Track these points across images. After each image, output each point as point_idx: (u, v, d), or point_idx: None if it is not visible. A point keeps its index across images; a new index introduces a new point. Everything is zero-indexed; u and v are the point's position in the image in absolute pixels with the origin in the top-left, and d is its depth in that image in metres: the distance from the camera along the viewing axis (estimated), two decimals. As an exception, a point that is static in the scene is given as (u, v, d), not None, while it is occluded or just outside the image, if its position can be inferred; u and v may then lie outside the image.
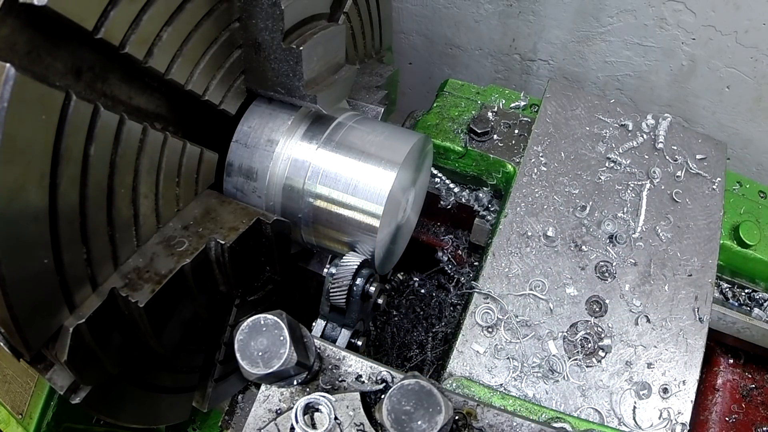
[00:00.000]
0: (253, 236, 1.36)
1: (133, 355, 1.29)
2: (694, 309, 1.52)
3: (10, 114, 0.84)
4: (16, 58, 0.89)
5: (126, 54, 1.06)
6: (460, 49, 3.11)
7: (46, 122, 0.92)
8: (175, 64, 1.19)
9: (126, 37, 1.05)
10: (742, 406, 1.74)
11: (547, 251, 1.59)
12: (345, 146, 1.49)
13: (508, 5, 2.74)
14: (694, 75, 2.62)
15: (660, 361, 1.45)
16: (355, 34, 1.85)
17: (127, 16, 1.04)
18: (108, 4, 0.98)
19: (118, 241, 1.17)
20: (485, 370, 1.43)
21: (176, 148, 1.28)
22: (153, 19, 1.09)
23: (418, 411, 0.91)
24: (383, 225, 1.47)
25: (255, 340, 0.99)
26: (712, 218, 1.66)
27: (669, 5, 2.41)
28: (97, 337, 1.14)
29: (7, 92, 0.83)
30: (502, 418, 1.09)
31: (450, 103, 2.04)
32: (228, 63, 1.35)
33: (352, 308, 1.38)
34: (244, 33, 1.34)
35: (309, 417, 1.03)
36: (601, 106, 1.84)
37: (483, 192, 1.94)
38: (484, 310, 1.50)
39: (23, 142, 0.89)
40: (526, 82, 3.10)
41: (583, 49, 2.77)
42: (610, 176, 1.71)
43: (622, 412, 1.40)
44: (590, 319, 1.50)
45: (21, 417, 1.63)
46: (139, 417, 1.48)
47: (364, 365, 1.15)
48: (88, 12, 0.96)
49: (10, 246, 0.92)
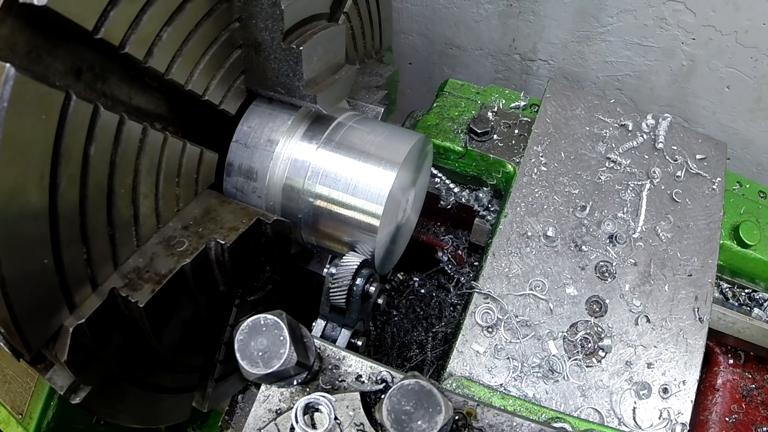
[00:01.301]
0: (253, 236, 1.36)
1: (133, 355, 1.29)
2: (694, 309, 1.52)
3: (10, 114, 0.84)
4: (16, 58, 0.89)
5: (126, 54, 1.06)
6: (460, 49, 3.11)
7: (46, 122, 0.92)
8: (175, 64, 1.19)
9: (126, 37, 1.05)
10: (742, 406, 1.74)
11: (547, 251, 1.59)
12: (345, 146, 1.49)
13: (508, 5, 2.74)
14: (694, 75, 2.62)
15: (660, 361, 1.45)
16: (355, 34, 1.85)
17: (127, 16, 1.04)
18: (108, 4, 0.98)
19: (118, 241, 1.17)
20: (485, 370, 1.43)
21: (176, 148, 1.28)
22: (153, 19, 1.09)
23: (418, 411, 0.91)
24: (383, 225, 1.47)
25: (255, 340, 0.99)
26: (712, 218, 1.66)
27: (669, 5, 2.41)
28: (97, 337, 1.14)
29: (7, 92, 0.83)
30: (502, 418, 1.09)
31: (450, 103, 2.04)
32: (228, 63, 1.35)
33: (352, 308, 1.38)
34: (244, 33, 1.34)
35: (309, 417, 1.03)
36: (601, 106, 1.84)
37: (483, 192, 1.94)
38: (484, 310, 1.50)
39: (23, 142, 0.89)
40: (526, 82, 3.10)
41: (583, 49, 2.77)
42: (610, 176, 1.71)
43: (622, 412, 1.40)
44: (590, 319, 1.50)
45: (21, 417, 1.63)
46: (139, 417, 1.48)
47: (364, 365, 1.15)
48: (88, 12, 0.96)
49: (10, 246, 0.92)
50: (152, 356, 1.36)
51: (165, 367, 1.49)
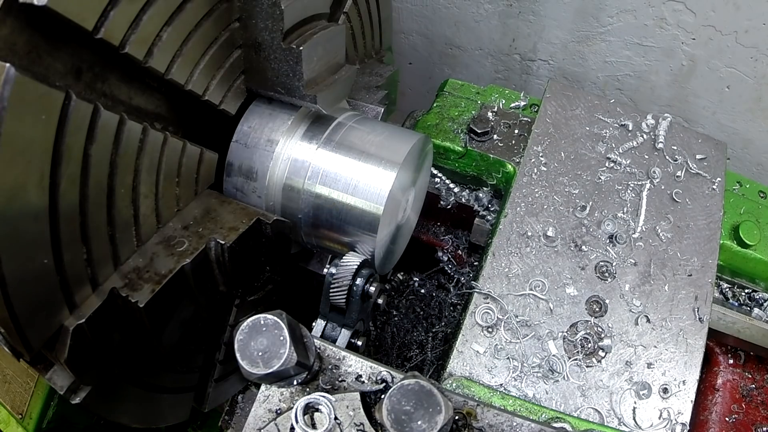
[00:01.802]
0: (253, 236, 1.36)
1: (134, 355, 1.29)
2: (694, 309, 1.52)
3: (10, 114, 0.84)
4: (16, 59, 0.89)
5: (126, 54, 1.06)
6: (460, 49, 3.11)
7: (46, 122, 0.92)
8: (175, 64, 1.19)
9: (126, 37, 1.05)
10: (742, 406, 1.74)
11: (547, 251, 1.59)
12: (345, 146, 1.48)
13: (508, 5, 2.74)
14: (694, 75, 2.62)
15: (660, 361, 1.45)
16: (355, 34, 1.85)
17: (127, 16, 1.04)
18: (108, 4, 0.98)
19: (119, 240, 1.17)
20: (485, 370, 1.43)
21: (176, 148, 1.28)
22: (153, 19, 1.09)
23: (418, 411, 0.91)
24: (383, 225, 1.47)
25: (255, 340, 0.99)
26: (712, 218, 1.66)
27: (669, 5, 2.41)
28: (97, 337, 1.14)
29: (7, 92, 0.83)
30: (502, 418, 1.09)
31: (450, 103, 2.04)
32: (228, 63, 1.35)
33: (352, 308, 1.38)
34: (244, 33, 1.34)
35: (309, 417, 1.03)
36: (601, 106, 1.84)
37: (483, 192, 1.94)
38: (484, 310, 1.50)
39: (23, 142, 0.89)
40: (526, 82, 3.10)
41: (583, 49, 2.77)
42: (610, 176, 1.71)
43: (622, 412, 1.40)
44: (590, 319, 1.50)
45: (21, 417, 1.63)
46: (140, 417, 1.48)
47: (364, 365, 1.15)
48: (88, 12, 0.96)
49: (10, 246, 0.92)
50: (152, 356, 1.36)
51: (165, 367, 1.50)
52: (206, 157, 1.39)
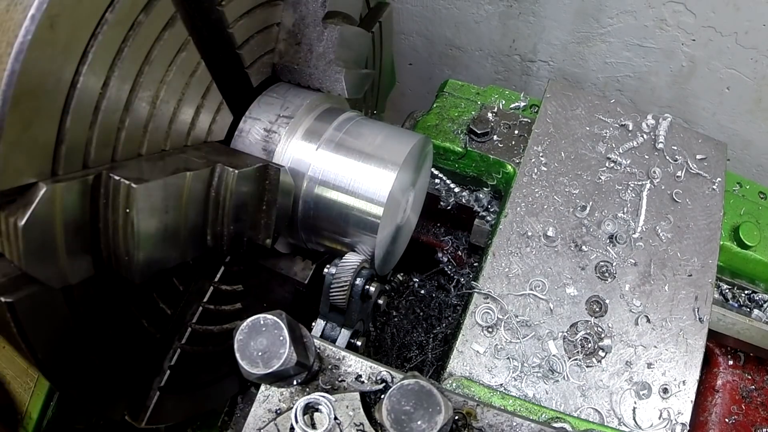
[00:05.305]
0: (260, 179, 1.35)
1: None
2: (694, 309, 1.52)
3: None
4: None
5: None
6: (460, 50, 3.11)
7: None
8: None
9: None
10: (742, 407, 1.74)
11: (547, 251, 1.59)
12: (345, 147, 1.49)
13: (508, 6, 2.75)
14: (694, 76, 2.62)
15: (660, 361, 1.45)
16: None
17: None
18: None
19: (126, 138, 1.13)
20: (485, 370, 1.43)
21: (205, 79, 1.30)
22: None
23: (417, 411, 0.91)
24: (383, 226, 1.47)
25: (255, 340, 0.99)
26: (712, 218, 1.66)
27: (669, 6, 2.41)
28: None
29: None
30: (502, 418, 1.09)
31: (450, 103, 2.04)
32: (267, 29, 1.42)
33: (352, 308, 1.38)
34: (287, 6, 1.42)
35: (309, 417, 1.03)
36: (601, 106, 1.84)
37: (483, 193, 1.94)
38: (484, 310, 1.50)
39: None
40: (526, 83, 3.10)
41: (583, 50, 2.77)
42: (610, 176, 1.71)
43: (622, 412, 1.40)
44: (590, 319, 1.50)
45: (21, 417, 1.63)
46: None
47: (363, 365, 1.15)
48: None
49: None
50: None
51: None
52: (222, 109, 1.39)
